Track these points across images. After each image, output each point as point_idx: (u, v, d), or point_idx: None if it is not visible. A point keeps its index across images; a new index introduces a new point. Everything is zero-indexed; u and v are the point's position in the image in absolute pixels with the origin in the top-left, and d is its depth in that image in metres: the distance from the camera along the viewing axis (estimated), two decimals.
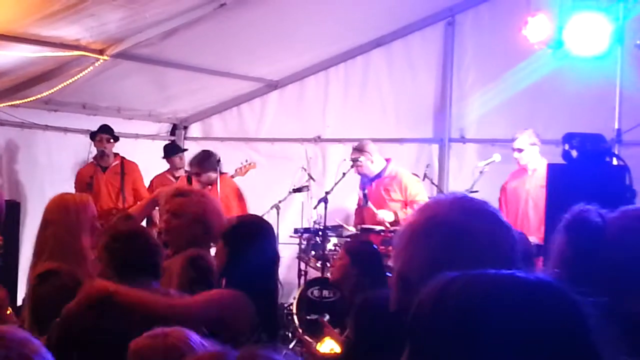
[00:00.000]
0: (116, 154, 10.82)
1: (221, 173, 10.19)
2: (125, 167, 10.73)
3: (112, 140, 10.64)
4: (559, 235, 2.53)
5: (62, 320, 4.25)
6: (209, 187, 9.94)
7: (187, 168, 10.46)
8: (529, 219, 9.24)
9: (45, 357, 2.03)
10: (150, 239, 4.77)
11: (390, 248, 9.08)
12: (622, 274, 2.23)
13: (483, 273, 1.51)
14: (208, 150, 10.50)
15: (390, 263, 8.34)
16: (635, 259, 2.26)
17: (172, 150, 11.52)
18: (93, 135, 10.65)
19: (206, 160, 10.10)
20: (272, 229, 4.99)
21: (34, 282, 4.98)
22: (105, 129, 10.63)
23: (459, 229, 2.15)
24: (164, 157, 11.46)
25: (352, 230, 10.21)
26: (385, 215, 9.64)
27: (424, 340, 1.48)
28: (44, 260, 5.06)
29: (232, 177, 10.74)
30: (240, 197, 10.44)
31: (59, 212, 5.24)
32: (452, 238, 2.14)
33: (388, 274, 6.04)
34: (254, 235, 4.69)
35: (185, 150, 11.55)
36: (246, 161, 11.07)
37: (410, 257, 2.19)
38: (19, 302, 7.17)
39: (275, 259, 4.81)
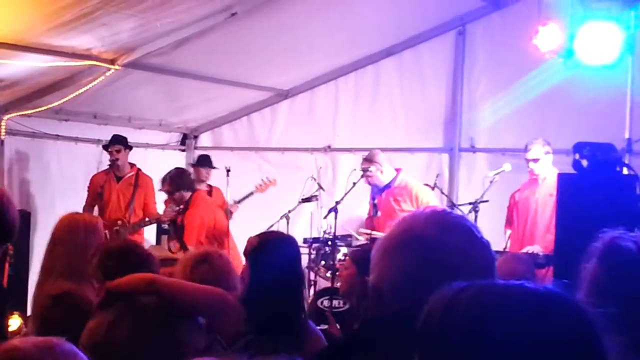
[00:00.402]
0: (132, 165, 10.82)
1: (194, 190, 10.23)
2: (140, 180, 10.71)
3: (124, 150, 10.62)
4: (592, 264, 2.53)
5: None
6: (181, 205, 9.99)
7: (159, 186, 10.39)
8: (537, 226, 9.22)
9: None
10: (141, 252, 4.81)
11: None
12: None
13: (492, 283, 1.51)
14: (182, 168, 10.56)
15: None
16: None
17: (203, 162, 11.52)
18: (106, 147, 10.67)
19: (179, 179, 10.07)
20: (294, 245, 4.92)
21: (48, 302, 4.96)
22: (115, 140, 10.62)
23: (431, 243, 2.18)
24: (193, 165, 11.50)
25: (362, 240, 10.19)
26: None
27: (433, 349, 1.48)
28: (54, 279, 5.04)
29: (252, 194, 10.77)
30: (219, 207, 10.46)
31: (69, 233, 5.22)
32: (424, 252, 2.16)
33: None
34: (272, 253, 4.66)
35: (215, 168, 11.46)
36: (266, 178, 11.06)
37: (385, 270, 2.20)
38: (29, 312, 7.16)
39: (295, 275, 4.78)
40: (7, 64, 8.69)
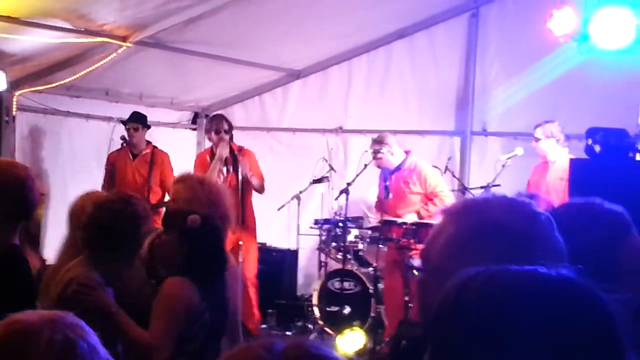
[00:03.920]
0: (149, 143, 10.77)
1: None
2: (155, 157, 10.61)
3: (141, 129, 10.58)
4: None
5: None
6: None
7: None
8: None
9: (91, 343, 2.07)
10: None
11: (412, 241, 9.09)
12: None
13: (505, 268, 1.49)
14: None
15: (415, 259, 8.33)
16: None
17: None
18: (124, 122, 10.66)
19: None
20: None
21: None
22: (135, 118, 10.56)
23: (522, 235, 2.09)
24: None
25: (373, 219, 10.20)
26: (409, 218, 9.59)
27: (446, 335, 1.46)
28: None
29: None
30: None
31: None
32: (516, 244, 2.07)
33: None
34: (216, 232, 4.67)
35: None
36: None
37: (463, 258, 2.09)
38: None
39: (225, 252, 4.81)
40: (18, 40, 8.68)
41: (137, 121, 10.54)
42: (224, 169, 10.17)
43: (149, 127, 10.74)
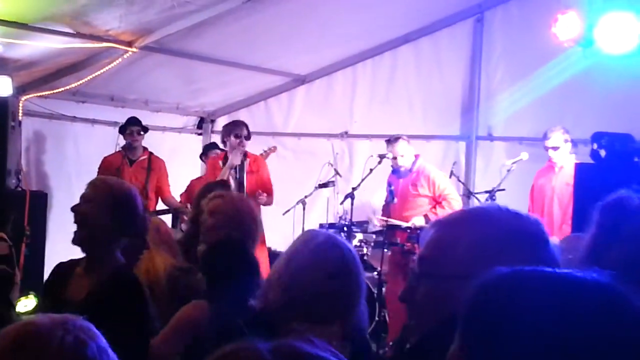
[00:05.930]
0: (145, 148, 10.70)
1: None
2: (152, 163, 10.59)
3: (142, 133, 10.58)
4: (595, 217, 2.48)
5: None
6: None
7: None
8: (553, 216, 9.17)
9: (101, 345, 2.11)
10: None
11: (416, 245, 9.08)
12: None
13: (538, 270, 1.48)
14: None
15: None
16: None
17: (211, 147, 11.47)
18: (123, 128, 10.54)
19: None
20: None
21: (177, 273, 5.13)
22: (135, 121, 10.55)
23: (537, 240, 2.13)
24: (202, 155, 11.44)
25: (377, 225, 10.19)
26: (417, 221, 9.60)
27: (476, 333, 1.45)
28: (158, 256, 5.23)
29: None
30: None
31: None
32: (536, 249, 2.11)
33: None
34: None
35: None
36: (268, 148, 10.98)
37: (490, 265, 2.11)
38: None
39: None
40: (24, 45, 8.70)
41: (138, 124, 10.51)
42: (234, 176, 10.12)
43: (146, 130, 10.71)
